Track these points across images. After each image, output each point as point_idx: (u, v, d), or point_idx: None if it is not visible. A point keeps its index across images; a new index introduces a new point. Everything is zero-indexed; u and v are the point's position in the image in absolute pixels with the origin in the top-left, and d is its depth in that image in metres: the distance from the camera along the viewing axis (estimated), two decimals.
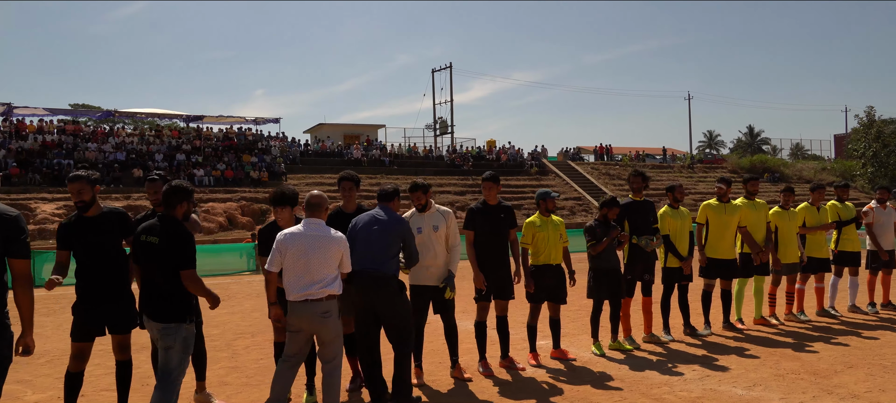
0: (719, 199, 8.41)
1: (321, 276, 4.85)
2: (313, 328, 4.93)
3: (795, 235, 8.96)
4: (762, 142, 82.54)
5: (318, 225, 4.98)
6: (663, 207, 8.15)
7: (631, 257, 7.69)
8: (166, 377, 4.58)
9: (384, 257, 5.48)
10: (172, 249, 4.56)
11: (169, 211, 4.70)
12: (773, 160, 54.92)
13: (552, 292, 7.00)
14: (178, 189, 4.71)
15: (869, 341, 7.67)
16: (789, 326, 8.63)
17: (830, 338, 7.84)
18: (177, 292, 4.59)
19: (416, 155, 43.74)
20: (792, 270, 8.95)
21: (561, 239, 7.01)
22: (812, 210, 9.25)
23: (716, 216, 8.32)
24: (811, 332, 8.23)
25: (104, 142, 34.29)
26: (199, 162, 34.54)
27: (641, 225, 7.72)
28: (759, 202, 8.69)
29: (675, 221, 8.01)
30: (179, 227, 4.65)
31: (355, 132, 45.34)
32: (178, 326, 4.58)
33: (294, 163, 38.09)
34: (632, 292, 7.71)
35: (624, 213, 7.72)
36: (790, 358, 6.88)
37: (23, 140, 32.30)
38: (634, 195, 7.88)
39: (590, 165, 46.94)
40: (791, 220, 8.93)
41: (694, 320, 8.38)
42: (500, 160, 44.86)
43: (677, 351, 7.35)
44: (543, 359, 7.03)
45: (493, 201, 6.71)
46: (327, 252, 4.90)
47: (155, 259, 4.59)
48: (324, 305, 4.86)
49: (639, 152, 52.55)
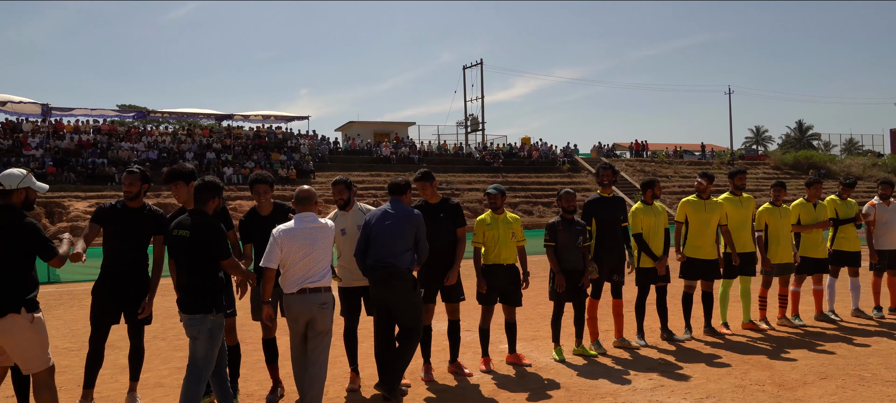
0: (699, 195, 7.89)
1: (321, 267, 4.99)
2: (310, 315, 4.98)
3: (789, 233, 8.36)
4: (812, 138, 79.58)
5: (312, 217, 5.07)
6: (636, 203, 7.69)
7: (597, 257, 7.23)
8: (193, 367, 4.73)
9: (398, 251, 5.52)
10: (204, 242, 4.71)
11: (200, 206, 4.84)
12: (819, 155, 52.82)
13: (505, 293, 6.63)
14: (208, 185, 4.85)
15: (858, 349, 7.06)
16: (780, 331, 8.05)
17: (817, 345, 7.26)
18: (204, 284, 4.73)
19: (445, 152, 43.51)
20: (784, 271, 8.35)
21: (514, 237, 6.64)
22: (808, 206, 8.62)
23: (695, 213, 7.81)
24: (799, 338, 7.64)
25: (137, 141, 35.05)
26: (229, 160, 35.00)
27: (609, 222, 7.27)
28: (746, 197, 8.13)
29: (649, 218, 7.53)
30: (210, 220, 4.80)
31: (385, 130, 45.33)
32: (203, 317, 4.70)
33: (323, 160, 38.29)
34: (598, 294, 7.27)
35: (590, 210, 7.29)
36: (762, 367, 6.36)
37: (60, 140, 33.26)
38: (603, 190, 7.42)
39: (624, 162, 45.95)
40: (783, 217, 8.33)
41: (674, 323, 7.90)
42: (531, 157, 44.25)
43: (644, 358, 6.89)
44: (499, 364, 6.68)
45: (433, 199, 6.37)
46: (327, 242, 5.04)
47: (185, 251, 4.74)
48: (322, 295, 4.97)
49: (676, 148, 51.14)
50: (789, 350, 7.06)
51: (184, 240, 4.76)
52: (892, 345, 7.19)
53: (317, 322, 5.01)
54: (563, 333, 7.23)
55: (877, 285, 8.98)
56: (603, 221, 7.26)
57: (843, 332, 7.94)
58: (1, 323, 4.26)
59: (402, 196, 5.83)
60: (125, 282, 5.36)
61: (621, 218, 7.36)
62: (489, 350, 6.71)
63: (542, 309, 9.43)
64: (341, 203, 6.01)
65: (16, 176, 4.57)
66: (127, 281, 5.37)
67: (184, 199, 5.51)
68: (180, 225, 4.83)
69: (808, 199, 8.67)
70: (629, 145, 49.93)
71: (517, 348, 7.08)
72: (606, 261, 7.23)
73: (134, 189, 5.43)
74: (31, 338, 4.34)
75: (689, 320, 7.88)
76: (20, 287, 4.34)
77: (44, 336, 4.44)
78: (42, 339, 4.42)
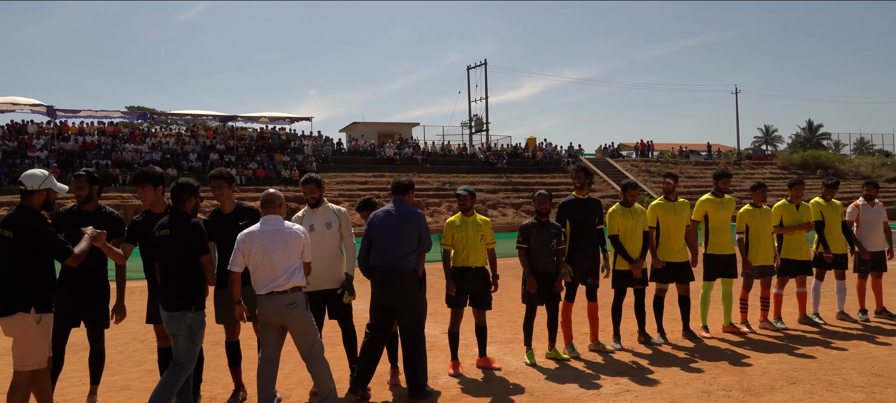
0: (666, 197, 7.81)
1: (284, 268, 4.97)
2: (280, 319, 5.01)
3: (770, 235, 8.25)
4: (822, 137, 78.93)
5: (274, 220, 5.09)
6: (614, 205, 7.62)
7: (571, 259, 7.16)
8: (173, 363, 4.87)
9: (401, 251, 5.58)
10: (184, 240, 4.88)
11: (178, 206, 5.01)
12: (827, 155, 52.38)
13: (474, 296, 6.58)
14: (184, 186, 5.02)
15: (835, 353, 6.95)
16: (761, 335, 7.95)
17: (795, 349, 7.16)
18: (184, 282, 4.87)
19: (449, 153, 43.48)
20: (765, 273, 8.25)
21: (483, 240, 6.59)
22: (790, 208, 8.51)
23: (664, 216, 7.73)
24: (779, 342, 7.54)
25: (141, 142, 35.25)
26: (232, 161, 35.13)
27: (584, 224, 7.20)
28: (728, 199, 8.03)
29: (626, 221, 7.46)
30: (188, 219, 4.96)
31: (389, 131, 45.37)
32: (183, 314, 4.84)
33: (326, 161, 38.36)
34: (572, 297, 7.21)
35: (564, 212, 7.23)
36: (733, 372, 6.28)
37: (65, 141, 33.50)
38: (578, 192, 7.34)
39: (629, 162, 45.74)
40: (764, 219, 8.22)
41: (651, 327, 7.82)
42: (535, 157, 44.15)
43: (617, 362, 6.82)
44: (469, 368, 6.63)
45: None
46: (287, 244, 5.01)
47: (166, 250, 4.92)
48: (289, 297, 4.96)
49: (682, 148, 50.84)
50: (765, 354, 6.97)
51: (165, 240, 4.92)
52: (870, 350, 7.08)
53: (288, 323, 5.04)
54: (540, 336, 7.17)
55: (861, 287, 8.85)
56: (577, 223, 7.19)
57: (825, 336, 7.83)
58: (10, 319, 4.46)
59: (404, 195, 5.89)
60: (84, 286, 5.35)
61: (596, 220, 7.29)
62: (459, 354, 6.66)
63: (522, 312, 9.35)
64: (312, 201, 5.99)
65: (38, 177, 4.69)
66: (85, 285, 5.35)
67: (149, 202, 5.53)
68: (160, 225, 5.00)
69: (791, 200, 8.57)
70: (635, 145, 49.68)
71: (493, 351, 7.05)
72: (581, 264, 7.16)
73: (83, 192, 5.41)
74: (34, 338, 4.50)
75: (660, 323, 7.79)
76: (32, 286, 4.51)
77: (46, 339, 4.59)
78: (44, 341, 4.56)
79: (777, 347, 7.28)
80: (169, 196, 5.29)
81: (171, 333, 4.90)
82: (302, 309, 5.04)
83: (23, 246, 4.50)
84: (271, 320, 5.04)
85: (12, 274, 4.50)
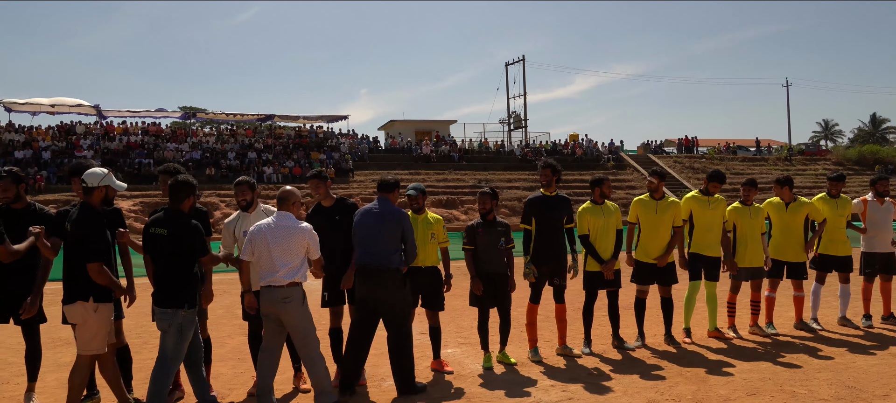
0: (651, 195, 7.40)
1: (282, 264, 5.07)
2: (276, 311, 5.13)
3: (759, 235, 7.73)
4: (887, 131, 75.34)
5: (284, 217, 5.22)
6: (585, 203, 7.26)
7: (536, 259, 6.84)
8: (162, 359, 4.93)
9: (383, 250, 5.57)
10: (182, 240, 4.90)
11: (175, 205, 5.01)
12: (886, 150, 49.72)
13: (426, 297, 6.35)
14: (183, 184, 5.03)
15: (817, 362, 6.44)
16: (748, 341, 7.46)
17: (777, 357, 6.66)
18: (177, 280, 4.91)
19: (486, 150, 43.15)
20: (754, 275, 7.74)
21: (434, 238, 6.36)
22: (779, 206, 7.96)
23: (645, 214, 7.33)
24: (762, 349, 7.05)
25: (183, 141, 36.15)
26: (270, 159, 35.69)
27: (550, 223, 6.87)
28: (717, 198, 7.54)
29: (597, 219, 7.09)
30: (186, 219, 4.98)
31: (427, 128, 45.30)
32: (174, 312, 4.88)
33: (362, 159, 38.59)
34: (537, 298, 6.89)
35: (530, 210, 6.91)
36: (694, 381, 5.87)
37: (110, 141, 34.64)
38: (545, 189, 7.01)
39: (672, 158, 44.50)
40: (753, 218, 7.71)
41: (630, 331, 7.44)
42: (575, 154, 43.40)
43: (578, 368, 6.47)
44: (423, 371, 6.39)
45: (327, 202, 6.12)
46: (290, 241, 5.11)
47: (162, 249, 4.93)
48: (284, 291, 5.08)
49: (728, 143, 49.12)
50: (742, 362, 6.51)
51: (161, 238, 4.93)
52: (856, 360, 6.53)
53: (283, 317, 5.15)
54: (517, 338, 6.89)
55: (867, 291, 8.23)
56: (544, 221, 6.86)
57: (817, 342, 7.29)
58: (71, 307, 4.77)
59: (389, 194, 5.86)
60: (14, 284, 5.36)
61: (564, 218, 6.96)
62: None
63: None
64: (244, 204, 5.88)
65: (98, 174, 4.88)
66: (15, 283, 5.36)
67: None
68: (156, 223, 5.00)
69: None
70: (678, 141, 48.27)
71: (460, 354, 6.81)
72: (546, 264, 6.84)
73: (10, 193, 5.42)
74: (91, 325, 4.76)
75: (641, 327, 7.40)
76: (90, 277, 4.70)
77: (104, 326, 4.83)
78: (102, 328, 4.81)
79: (758, 355, 6.81)
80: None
81: (162, 329, 4.94)
82: (297, 304, 5.13)
83: (81, 241, 4.71)
84: (269, 312, 5.19)
85: (73, 265, 4.76)
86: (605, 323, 7.57)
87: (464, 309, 8.17)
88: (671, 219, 7.32)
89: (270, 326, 5.26)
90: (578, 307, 7.40)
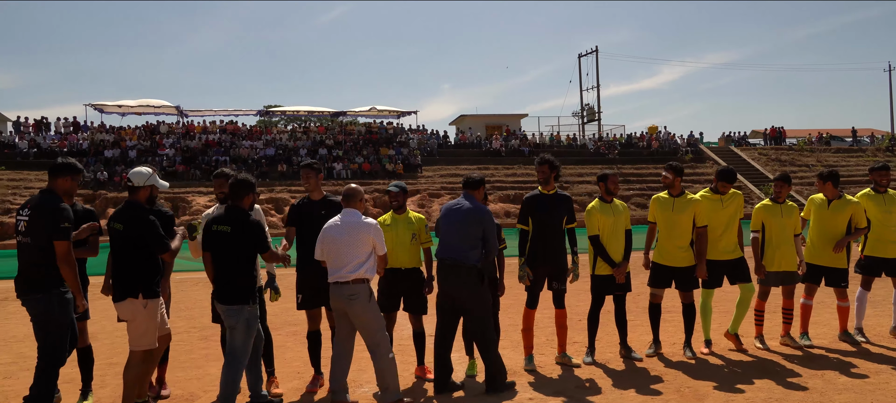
0: (668, 192, 6.82)
1: (348, 261, 5.15)
2: (343, 308, 5.22)
3: (791, 237, 6.99)
4: None
5: (351, 213, 5.31)
6: (593, 201, 6.78)
7: (532, 261, 6.43)
8: (231, 355, 5.05)
9: (463, 246, 5.59)
10: (244, 237, 5.03)
11: (236, 202, 5.16)
12: None
13: (408, 301, 6.09)
14: (243, 182, 5.18)
15: (844, 380, 5.72)
16: (774, 352, 6.76)
17: (797, 374, 5.97)
18: (241, 276, 5.03)
19: (558, 144, 42.22)
20: (785, 281, 7.00)
21: (415, 239, 6.08)
22: (823, 204, 7.16)
23: (662, 212, 6.77)
24: (788, 363, 6.36)
25: (258, 139, 37.30)
26: (340, 155, 36.26)
27: (548, 223, 6.44)
28: (732, 194, 6.87)
29: (607, 218, 6.61)
30: (247, 216, 5.12)
31: (497, 123, 44.77)
32: (240, 308, 5.01)
33: (431, 154, 38.59)
34: (534, 303, 6.48)
35: (526, 209, 6.51)
36: (692, 399, 5.33)
37: (190, 140, 36.19)
38: (542, 187, 6.58)
39: (757, 150, 42.06)
40: (786, 217, 6.98)
41: (641, 338, 6.91)
42: (651, 147, 41.81)
43: (571, 379, 6.04)
44: (407, 378, 6.15)
45: (317, 195, 5.97)
46: (355, 238, 5.19)
47: (225, 246, 5.04)
48: (350, 288, 5.15)
49: (821, 134, 45.93)
50: (752, 378, 5.88)
51: (225, 235, 5.05)
52: (892, 380, 5.76)
53: (350, 313, 5.22)
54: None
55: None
56: (541, 221, 6.44)
57: (856, 357, 6.52)
58: (122, 304, 4.88)
59: (474, 191, 5.89)
60: None
61: (564, 218, 6.52)
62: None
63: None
64: (221, 196, 5.81)
65: (143, 174, 5.05)
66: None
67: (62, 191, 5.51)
68: (218, 220, 5.14)
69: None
70: (764, 132, 45.58)
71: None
72: (543, 266, 6.43)
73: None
74: (141, 321, 4.88)
75: (657, 334, 6.86)
76: (139, 274, 4.86)
77: (153, 322, 4.94)
78: (151, 324, 4.93)
79: (776, 371, 6.13)
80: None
81: (230, 326, 5.07)
82: (363, 301, 5.17)
83: (132, 238, 4.85)
84: (337, 307, 5.28)
85: (122, 263, 4.90)
86: (613, 330, 7.07)
87: None
88: (690, 218, 6.72)
89: (341, 323, 5.35)
90: (583, 311, 6.93)
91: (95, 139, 34.99)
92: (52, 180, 4.90)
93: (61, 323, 4.72)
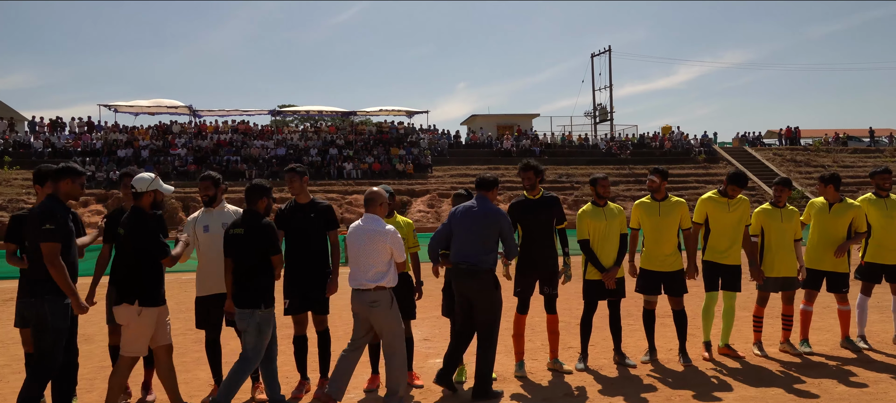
0: (653, 196, 6.69)
1: (368, 268, 5.19)
2: (365, 314, 5.28)
3: (791, 242, 6.84)
4: None
5: (372, 219, 5.29)
6: (586, 205, 6.67)
7: (521, 266, 6.34)
8: (243, 357, 5.10)
9: (477, 250, 5.53)
10: (256, 239, 5.07)
11: (251, 206, 5.21)
12: None
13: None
14: (257, 187, 5.25)
15: (840, 390, 5.57)
16: (772, 359, 6.62)
17: (793, 382, 5.84)
18: (254, 279, 5.07)
19: (569, 143, 41.98)
20: (784, 286, 6.86)
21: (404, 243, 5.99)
22: (823, 208, 6.99)
23: (647, 217, 6.65)
24: (784, 371, 6.22)
25: (269, 139, 37.43)
26: (350, 155, 36.28)
27: (537, 227, 6.33)
28: (739, 199, 6.73)
29: (598, 223, 6.50)
30: (260, 220, 5.17)
31: (508, 123, 44.59)
32: (252, 312, 5.05)
33: (442, 154, 38.51)
34: (524, 308, 6.39)
35: (514, 215, 6.38)
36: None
37: (202, 140, 36.38)
38: (528, 193, 6.46)
39: (772, 151, 41.55)
40: (784, 222, 6.83)
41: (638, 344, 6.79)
42: (663, 147, 41.47)
43: (560, 385, 5.94)
44: None
45: (304, 198, 5.90)
46: (374, 245, 5.19)
47: (240, 248, 5.11)
48: (372, 295, 5.19)
49: (837, 134, 45.27)
50: (747, 386, 5.76)
51: (238, 238, 5.10)
52: (891, 390, 5.61)
53: (371, 319, 5.27)
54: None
55: None
56: (529, 226, 6.34)
57: (857, 365, 6.36)
58: (119, 308, 4.90)
59: (488, 192, 5.77)
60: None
61: (554, 221, 6.41)
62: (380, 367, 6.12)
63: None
64: (206, 199, 5.77)
65: (146, 179, 5.04)
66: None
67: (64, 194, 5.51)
68: (234, 224, 5.20)
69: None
70: (778, 132, 45.03)
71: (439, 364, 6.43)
72: (532, 271, 6.32)
73: None
74: (134, 328, 4.89)
75: (652, 341, 6.74)
76: (138, 281, 4.87)
77: (146, 330, 4.93)
78: (143, 332, 4.92)
79: (772, 378, 6.01)
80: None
81: (242, 329, 5.09)
82: (384, 307, 5.20)
83: (134, 244, 4.88)
84: (358, 312, 5.33)
85: (123, 268, 4.92)
86: (608, 336, 6.95)
87: None
88: (676, 222, 6.60)
89: (358, 324, 5.37)
90: (579, 316, 6.82)
91: (109, 139, 35.29)
92: (54, 184, 4.89)
93: (55, 328, 4.69)
